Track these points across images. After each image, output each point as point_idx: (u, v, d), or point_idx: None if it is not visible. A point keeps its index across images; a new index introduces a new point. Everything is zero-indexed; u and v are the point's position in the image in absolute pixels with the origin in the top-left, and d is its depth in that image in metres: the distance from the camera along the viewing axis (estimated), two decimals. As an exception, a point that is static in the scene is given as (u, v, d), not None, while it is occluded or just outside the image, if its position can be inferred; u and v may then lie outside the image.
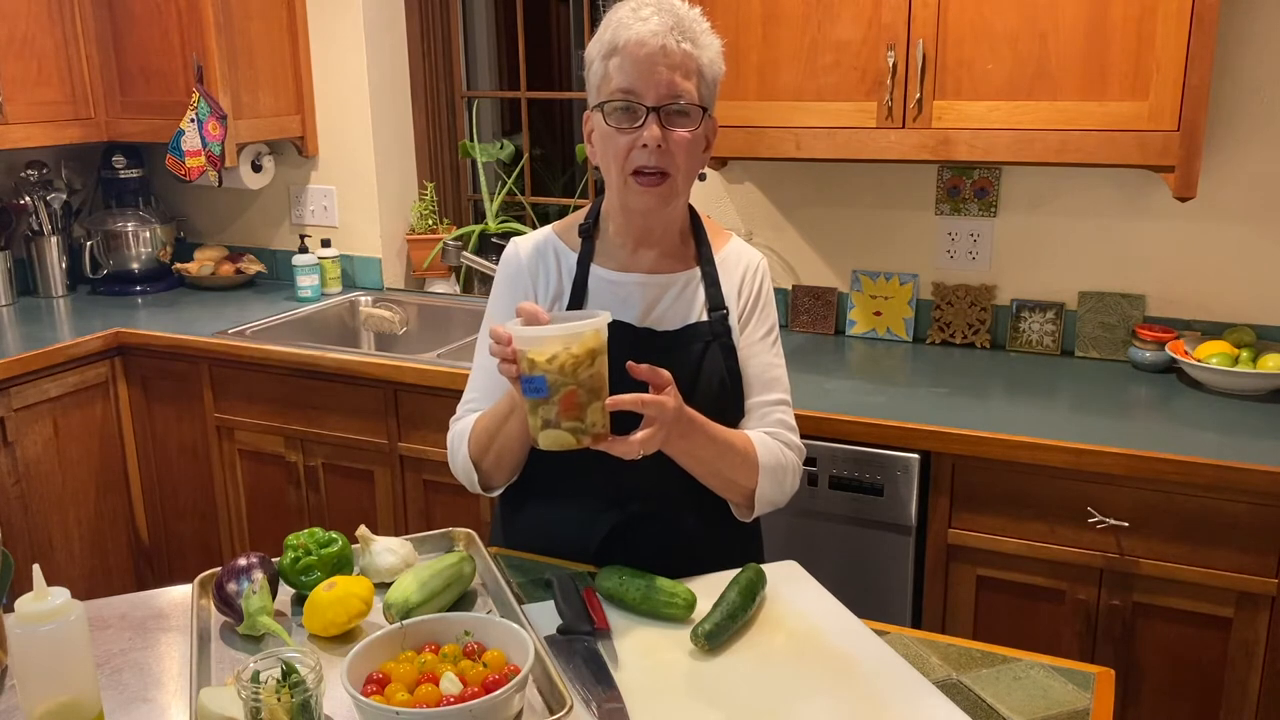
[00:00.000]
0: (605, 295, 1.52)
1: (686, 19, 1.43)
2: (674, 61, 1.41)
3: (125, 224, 3.35)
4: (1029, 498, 2.01)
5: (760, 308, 1.59)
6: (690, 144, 1.44)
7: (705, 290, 1.54)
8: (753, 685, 1.20)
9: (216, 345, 2.77)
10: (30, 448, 2.71)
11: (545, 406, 1.28)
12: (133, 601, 1.42)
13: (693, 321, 1.53)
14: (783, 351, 1.61)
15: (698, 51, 1.43)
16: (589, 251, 1.55)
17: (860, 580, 2.14)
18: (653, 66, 1.40)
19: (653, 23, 1.40)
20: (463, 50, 3.40)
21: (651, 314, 1.53)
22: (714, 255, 1.57)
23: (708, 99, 1.46)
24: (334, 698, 1.10)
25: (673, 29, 1.41)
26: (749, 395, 1.56)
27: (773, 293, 1.62)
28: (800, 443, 1.59)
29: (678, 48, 1.41)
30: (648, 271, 1.54)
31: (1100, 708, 1.19)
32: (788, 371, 1.61)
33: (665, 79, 1.40)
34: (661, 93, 1.41)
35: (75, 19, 3.04)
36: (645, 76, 1.40)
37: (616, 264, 1.54)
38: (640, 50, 1.40)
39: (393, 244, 3.34)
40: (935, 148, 2.19)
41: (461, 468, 1.55)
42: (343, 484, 2.74)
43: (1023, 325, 2.57)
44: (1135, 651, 2.00)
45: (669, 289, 1.53)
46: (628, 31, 1.41)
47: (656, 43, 1.40)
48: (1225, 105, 2.31)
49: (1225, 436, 1.99)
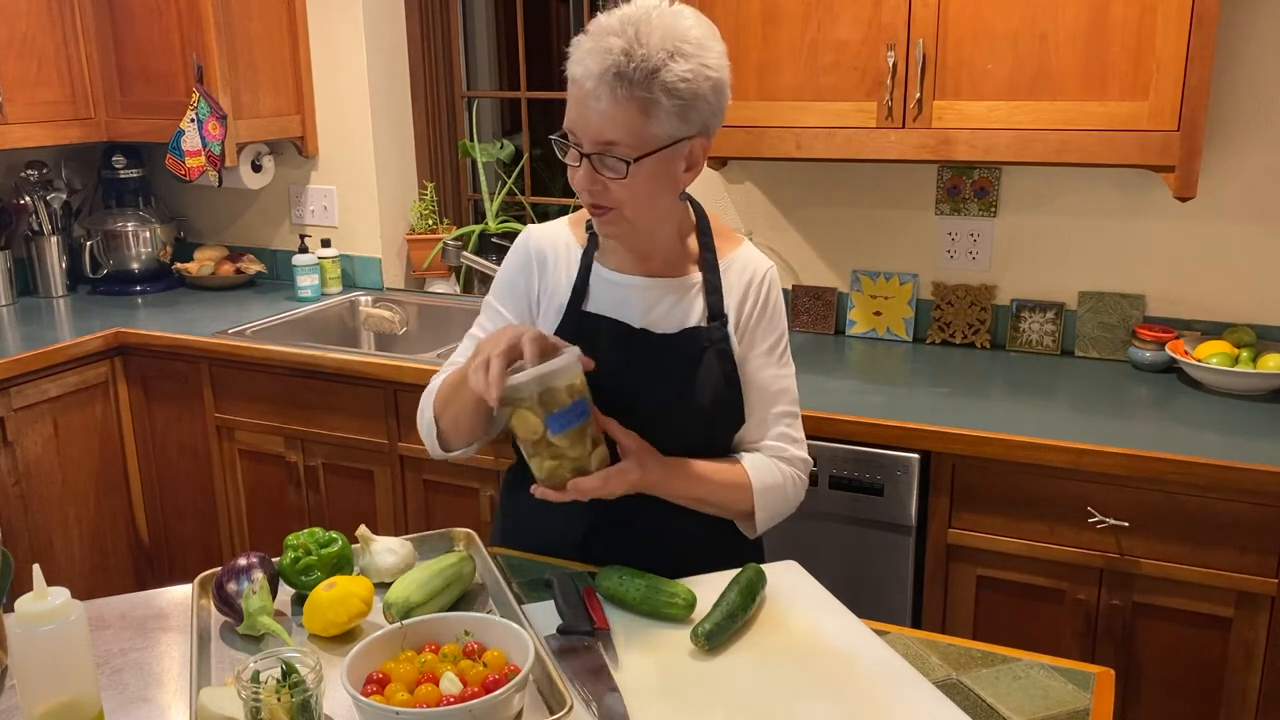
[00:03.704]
0: (605, 294, 1.51)
1: (641, 49, 1.29)
2: (604, 111, 1.31)
3: (125, 224, 3.35)
4: (1029, 498, 2.01)
5: (767, 318, 1.55)
6: (627, 187, 1.36)
7: (705, 297, 1.52)
8: (753, 685, 1.20)
9: (216, 345, 2.77)
10: (30, 448, 2.71)
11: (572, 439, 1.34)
12: (133, 601, 1.42)
13: (691, 327, 1.51)
14: (792, 360, 1.58)
15: (646, 94, 1.30)
16: (593, 249, 1.54)
17: (860, 580, 2.14)
18: (585, 112, 1.33)
19: (590, 64, 1.30)
20: (463, 50, 3.40)
21: (649, 316, 1.51)
22: (719, 261, 1.53)
23: (666, 136, 1.33)
24: (334, 698, 1.10)
25: (614, 73, 1.28)
26: (754, 407, 1.54)
27: (782, 302, 1.56)
28: (804, 454, 1.57)
29: (613, 95, 1.29)
30: (648, 275, 1.51)
31: (1100, 708, 1.19)
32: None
33: (595, 128, 1.32)
34: (592, 139, 1.34)
35: (75, 19, 3.04)
36: (579, 120, 1.34)
37: (618, 264, 1.53)
38: (577, 91, 1.33)
39: (393, 244, 3.34)
40: (935, 148, 2.19)
41: (425, 425, 1.54)
42: (343, 484, 2.74)
43: (1023, 325, 2.57)
44: (1135, 651, 2.00)
45: (668, 293, 1.51)
46: (573, 65, 1.33)
47: (589, 88, 1.31)
48: (1225, 105, 2.31)
49: (1225, 436, 1.99)
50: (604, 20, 1.34)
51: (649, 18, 1.32)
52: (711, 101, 1.36)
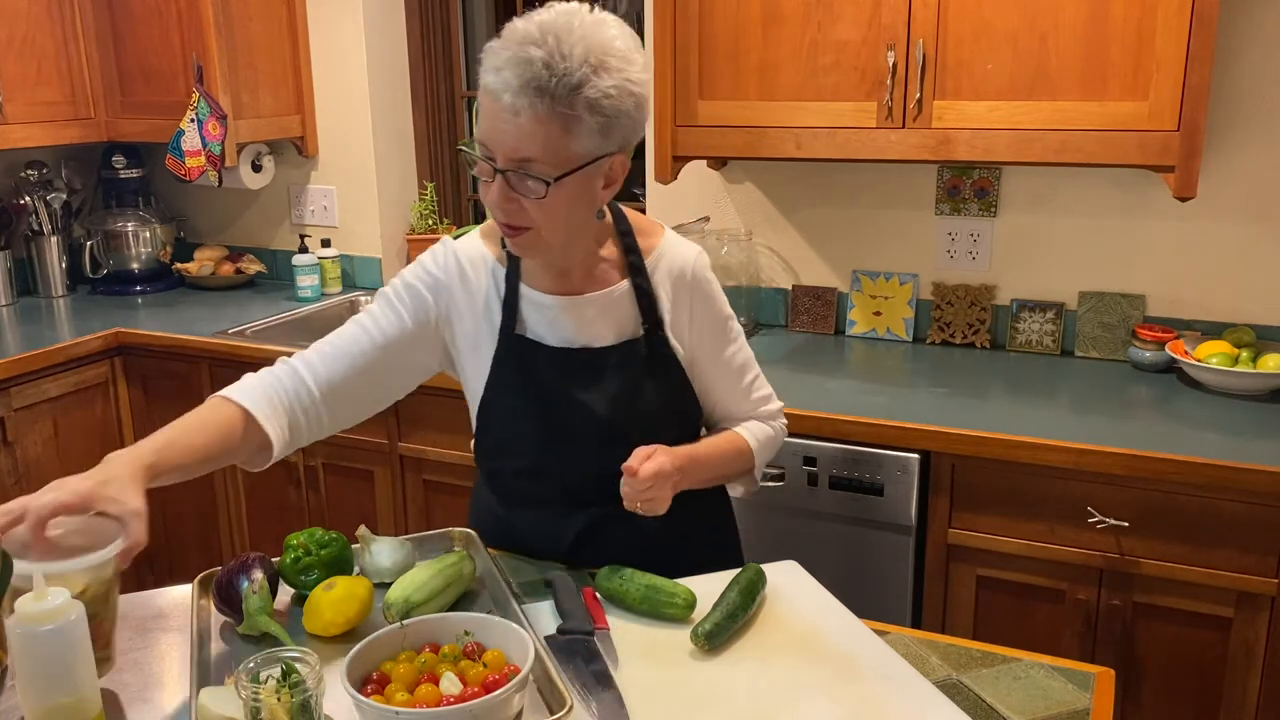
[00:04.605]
0: (535, 316, 1.47)
1: (562, 63, 1.21)
2: (523, 126, 1.23)
3: (125, 224, 3.35)
4: (1029, 498, 2.01)
5: (708, 310, 1.52)
6: (544, 207, 1.29)
7: (637, 302, 1.47)
8: (753, 685, 1.20)
9: (216, 345, 2.77)
10: (30, 448, 2.71)
11: None
12: (133, 601, 1.42)
13: (627, 338, 1.48)
14: (740, 331, 1.58)
15: (568, 110, 1.22)
16: (516, 269, 1.47)
17: (860, 580, 2.14)
18: (500, 125, 1.24)
19: (508, 75, 1.21)
20: (463, 50, 3.40)
21: (585, 333, 1.46)
22: (645, 261, 1.48)
23: (586, 153, 1.27)
24: (334, 698, 1.10)
25: (534, 86, 1.21)
26: (727, 387, 1.57)
27: (716, 283, 1.54)
28: (778, 402, 1.64)
29: (533, 109, 1.21)
30: (574, 293, 1.46)
31: (1100, 708, 1.19)
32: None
33: (512, 143, 1.25)
34: (508, 155, 1.26)
35: (75, 19, 3.04)
36: (493, 134, 1.26)
37: (542, 284, 1.46)
38: (491, 103, 1.24)
39: (393, 244, 3.34)
40: (935, 148, 2.19)
41: (231, 388, 1.43)
42: (343, 484, 2.74)
43: (1023, 325, 2.57)
44: (1135, 651, 2.00)
45: (598, 305, 1.46)
46: (487, 74, 1.24)
47: (505, 101, 1.22)
48: (1225, 105, 2.31)
49: (1225, 436, 1.99)
50: (521, 27, 1.24)
51: (571, 26, 1.23)
52: (635, 117, 1.29)
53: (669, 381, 1.50)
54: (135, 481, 1.24)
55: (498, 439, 1.53)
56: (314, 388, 1.45)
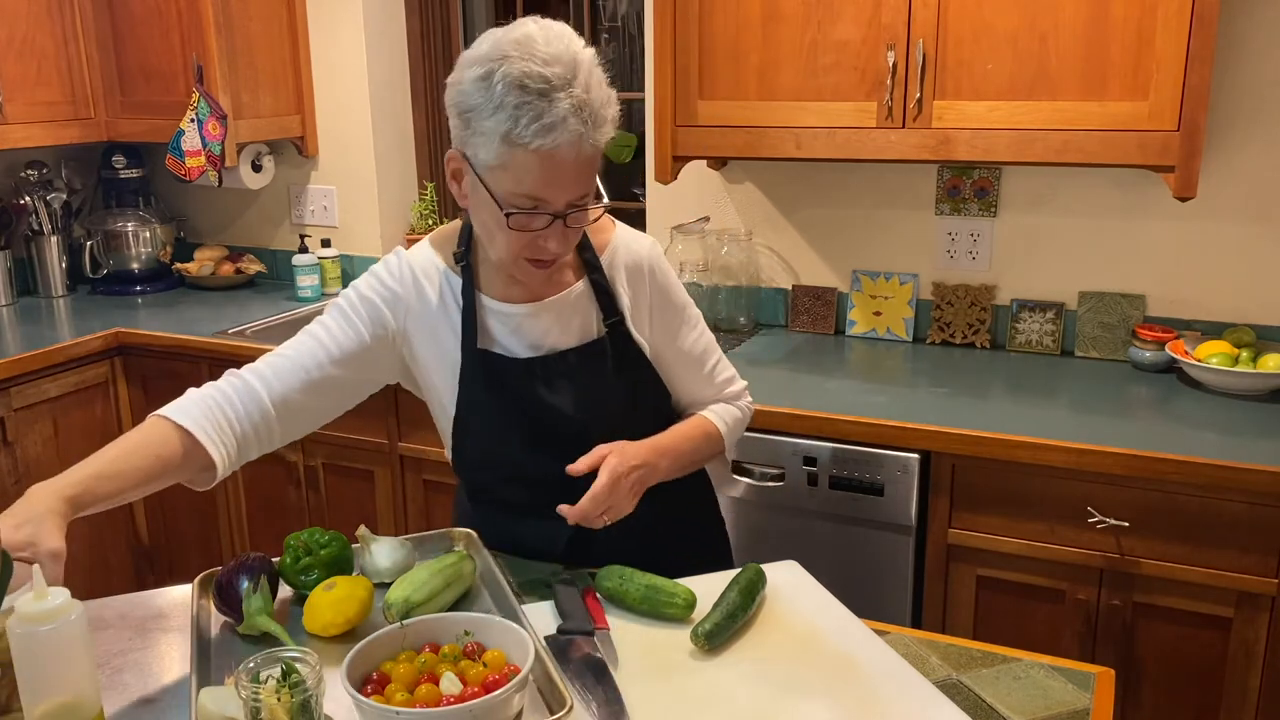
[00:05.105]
0: (497, 326, 1.47)
1: (595, 98, 1.28)
2: (585, 167, 1.30)
3: (125, 224, 3.35)
4: (1029, 498, 2.01)
5: (667, 300, 1.54)
6: (579, 232, 1.38)
7: (596, 300, 1.48)
8: (753, 685, 1.20)
9: (216, 345, 2.77)
10: (30, 448, 2.71)
11: None
12: (133, 601, 1.42)
13: (592, 337, 1.49)
14: (700, 316, 1.60)
15: (601, 134, 1.30)
16: (471, 280, 1.47)
17: (860, 580, 2.14)
18: (565, 177, 1.29)
19: (570, 128, 1.25)
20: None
21: (548, 339, 1.47)
22: (599, 257, 1.49)
23: None
24: (334, 698, 1.10)
25: (590, 127, 1.27)
26: (690, 373, 1.58)
27: (672, 272, 1.56)
28: (742, 382, 1.66)
29: (591, 149, 1.28)
30: (532, 299, 1.46)
31: (1100, 708, 1.19)
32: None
33: (577, 185, 1.31)
34: (571, 198, 1.31)
35: (75, 19, 3.05)
36: (556, 187, 1.29)
37: (499, 293, 1.47)
38: (552, 162, 1.27)
39: (393, 244, 3.34)
40: (935, 148, 2.19)
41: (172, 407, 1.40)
42: (343, 484, 2.74)
43: (1022, 325, 2.57)
44: (1135, 651, 2.00)
45: (558, 310, 1.47)
46: (540, 137, 1.24)
47: (572, 155, 1.27)
48: (1225, 105, 2.31)
49: (1225, 436, 1.99)
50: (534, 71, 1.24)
51: (577, 61, 1.27)
52: None
53: (637, 375, 1.51)
54: (54, 518, 1.18)
55: (476, 452, 1.53)
56: (267, 402, 1.42)
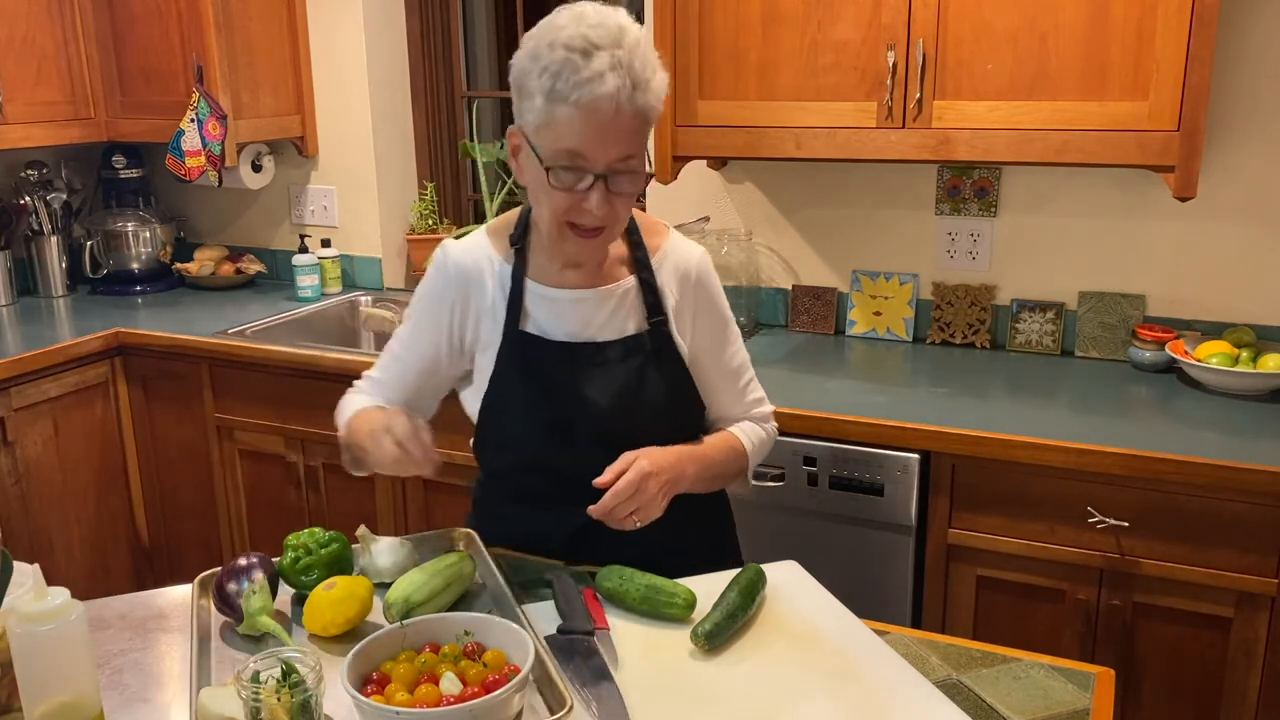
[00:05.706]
0: (541, 311, 1.48)
1: (638, 62, 1.29)
2: (626, 124, 1.29)
3: (125, 224, 3.35)
4: (1029, 498, 2.01)
5: (711, 310, 1.55)
6: (628, 201, 1.36)
7: (643, 299, 1.49)
8: (753, 685, 1.20)
9: (216, 345, 2.77)
10: (30, 448, 2.71)
11: None
12: (133, 601, 1.42)
13: (631, 333, 1.49)
14: (739, 334, 1.61)
15: (649, 99, 1.31)
16: (522, 264, 1.49)
17: (860, 580, 2.14)
18: (605, 132, 1.29)
19: (609, 82, 1.26)
20: (463, 50, 3.40)
21: (589, 328, 1.48)
22: (650, 258, 1.51)
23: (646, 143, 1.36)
24: (334, 698, 1.10)
25: (629, 85, 1.27)
26: (723, 388, 1.59)
27: (718, 283, 1.57)
28: (770, 405, 1.66)
29: (631, 106, 1.28)
30: (581, 286, 1.48)
31: (1100, 708, 1.19)
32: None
33: (617, 144, 1.30)
34: (612, 157, 1.31)
35: (75, 19, 3.04)
36: (596, 142, 1.29)
37: (549, 278, 1.49)
38: (593, 115, 1.27)
39: (393, 244, 3.34)
40: (935, 148, 2.19)
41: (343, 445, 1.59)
42: (343, 484, 2.74)
43: (1022, 325, 2.57)
44: (1135, 651, 2.00)
45: (605, 301, 1.48)
46: (580, 89, 1.26)
47: (611, 108, 1.27)
48: (1225, 105, 2.31)
49: (1225, 436, 1.99)
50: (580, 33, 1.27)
51: (623, 28, 1.29)
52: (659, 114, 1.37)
53: (672, 376, 1.51)
54: None
55: (500, 435, 1.54)
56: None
